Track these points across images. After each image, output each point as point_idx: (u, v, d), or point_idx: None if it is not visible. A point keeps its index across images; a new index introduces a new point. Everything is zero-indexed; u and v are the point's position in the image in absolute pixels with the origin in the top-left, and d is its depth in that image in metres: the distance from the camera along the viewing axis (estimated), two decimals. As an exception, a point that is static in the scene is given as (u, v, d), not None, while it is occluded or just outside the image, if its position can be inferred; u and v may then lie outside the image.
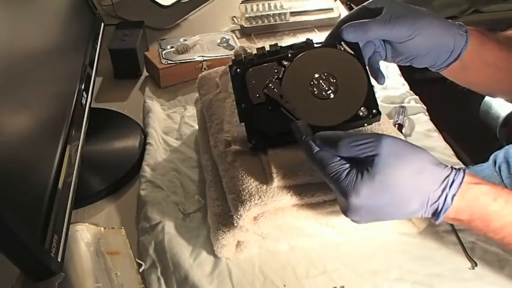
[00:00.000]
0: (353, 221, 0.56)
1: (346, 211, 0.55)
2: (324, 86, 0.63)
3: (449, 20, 0.67)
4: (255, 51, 0.67)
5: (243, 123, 0.64)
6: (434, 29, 0.65)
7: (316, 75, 0.64)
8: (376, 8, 0.65)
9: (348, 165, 0.53)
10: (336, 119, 0.63)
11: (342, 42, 0.64)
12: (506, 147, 0.90)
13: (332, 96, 0.63)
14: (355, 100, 0.63)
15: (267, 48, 0.67)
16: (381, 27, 0.63)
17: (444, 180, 0.53)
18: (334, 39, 0.66)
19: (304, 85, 0.64)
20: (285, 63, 0.65)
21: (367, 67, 0.65)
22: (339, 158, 0.54)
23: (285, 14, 1.21)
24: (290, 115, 0.62)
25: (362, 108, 0.62)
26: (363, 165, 0.52)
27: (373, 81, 0.65)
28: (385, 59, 0.70)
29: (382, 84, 0.68)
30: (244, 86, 0.65)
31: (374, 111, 0.62)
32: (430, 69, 0.71)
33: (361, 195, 0.52)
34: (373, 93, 0.63)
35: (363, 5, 0.67)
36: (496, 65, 0.69)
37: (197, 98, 0.86)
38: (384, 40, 0.67)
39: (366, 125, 0.64)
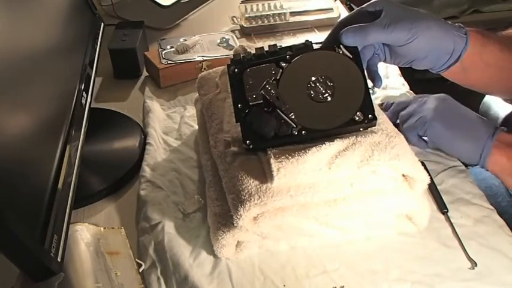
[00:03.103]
0: None
1: None
2: (321, 89, 0.63)
3: (449, 22, 0.67)
4: (254, 51, 0.67)
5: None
6: (434, 32, 0.64)
7: (314, 78, 0.64)
8: (375, 11, 0.65)
9: None
10: (331, 123, 0.63)
11: (341, 46, 0.64)
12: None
13: (329, 99, 0.63)
14: (352, 104, 0.63)
15: (266, 48, 0.67)
16: (380, 32, 0.63)
17: None
18: (333, 41, 0.66)
19: (301, 87, 0.64)
20: (283, 64, 0.65)
21: (365, 71, 0.65)
22: None
23: (284, 14, 1.20)
24: (286, 117, 0.62)
25: (358, 113, 0.62)
26: None
27: (370, 84, 0.65)
28: (385, 61, 0.70)
29: (379, 87, 0.68)
30: (241, 86, 0.64)
31: (370, 116, 0.62)
32: (430, 71, 0.71)
33: None
34: (370, 98, 0.63)
35: (362, 7, 0.67)
36: (497, 66, 0.69)
37: (197, 98, 0.86)
38: (383, 43, 0.67)
39: (361, 129, 0.64)
